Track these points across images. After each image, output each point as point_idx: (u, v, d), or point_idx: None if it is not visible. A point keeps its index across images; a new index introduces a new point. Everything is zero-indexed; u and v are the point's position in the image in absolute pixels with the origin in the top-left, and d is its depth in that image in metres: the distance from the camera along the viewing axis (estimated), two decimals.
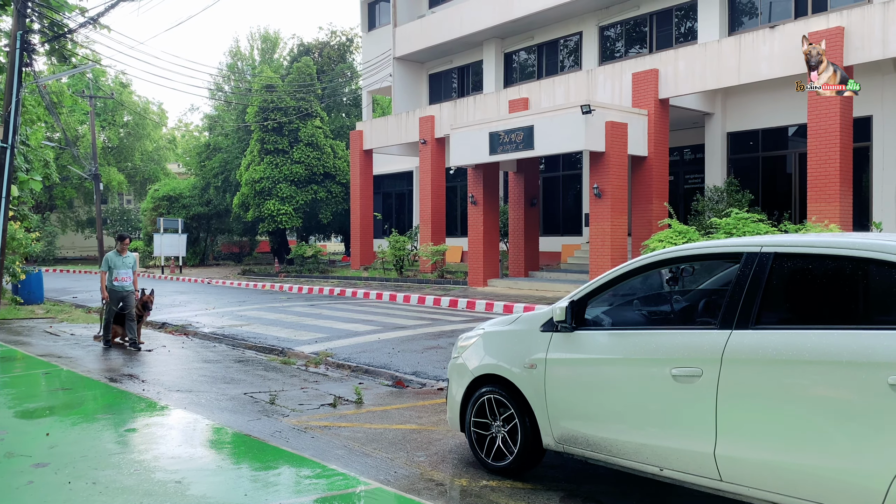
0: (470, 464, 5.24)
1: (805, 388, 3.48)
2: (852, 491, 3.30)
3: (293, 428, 6.28)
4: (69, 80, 38.30)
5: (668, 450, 4.00)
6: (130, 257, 10.87)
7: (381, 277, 23.22)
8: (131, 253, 10.92)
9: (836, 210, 14.52)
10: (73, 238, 47.88)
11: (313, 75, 31.66)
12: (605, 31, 22.26)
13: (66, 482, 4.68)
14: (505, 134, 17.85)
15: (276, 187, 29.44)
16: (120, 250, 10.71)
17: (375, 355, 10.02)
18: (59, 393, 7.77)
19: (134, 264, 10.90)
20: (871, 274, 3.50)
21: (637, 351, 4.22)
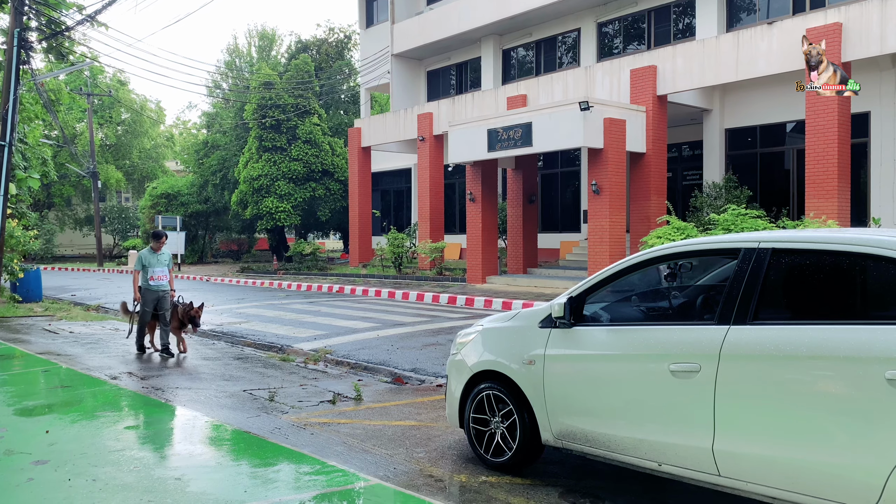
0: (469, 460, 5.26)
1: (802, 383, 3.49)
2: (850, 485, 3.31)
3: (292, 425, 6.29)
4: (67, 77, 38.24)
5: (666, 445, 4.01)
6: (166, 254, 10.18)
7: (380, 275, 23.22)
8: (166, 250, 10.29)
9: (834, 206, 14.54)
10: (71, 236, 47.85)
11: (311, 72, 31.63)
12: (604, 28, 22.25)
13: (66, 479, 4.69)
14: (503, 131, 17.85)
15: (274, 185, 29.42)
16: (155, 248, 10.09)
17: (374, 352, 10.03)
18: (59, 390, 7.78)
19: (170, 262, 10.23)
20: (868, 269, 3.52)
21: (635, 347, 4.23)
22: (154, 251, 10.07)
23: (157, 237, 10.19)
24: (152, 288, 9.99)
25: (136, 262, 10.01)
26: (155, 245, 10.09)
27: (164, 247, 10.22)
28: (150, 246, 10.12)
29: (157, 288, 10.02)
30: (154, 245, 10.09)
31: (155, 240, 10.15)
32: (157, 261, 10.04)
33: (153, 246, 10.08)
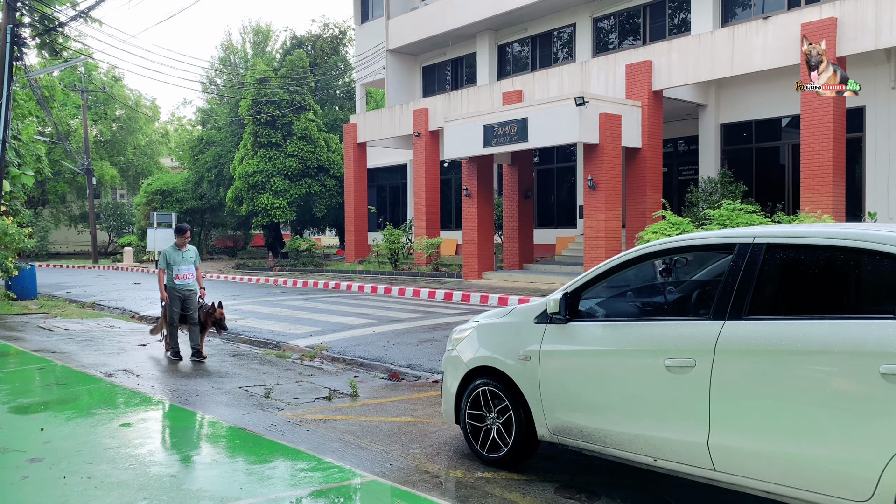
0: (465, 456, 5.26)
1: (797, 377, 3.49)
2: (845, 479, 3.32)
3: (288, 421, 6.29)
4: (61, 74, 38.09)
5: (661, 440, 4.02)
6: (191, 251, 9.54)
7: (376, 271, 23.21)
8: (191, 246, 9.61)
9: (829, 201, 14.57)
10: (66, 233, 47.73)
11: (306, 68, 31.54)
12: (599, 23, 22.23)
13: (62, 477, 4.68)
14: (499, 126, 17.83)
15: (269, 181, 29.36)
16: (179, 244, 9.43)
17: (370, 348, 10.03)
18: (54, 388, 7.76)
19: (196, 258, 9.61)
20: (862, 264, 3.52)
21: (631, 342, 4.23)
22: (178, 248, 9.45)
23: (180, 232, 9.51)
24: (178, 287, 9.41)
25: (160, 261, 9.43)
26: (179, 241, 9.46)
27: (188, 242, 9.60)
28: (174, 242, 9.52)
29: (184, 287, 9.43)
30: (178, 241, 9.46)
31: (179, 235, 9.49)
32: (182, 258, 9.42)
33: (177, 242, 9.47)
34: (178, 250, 9.42)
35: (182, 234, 9.46)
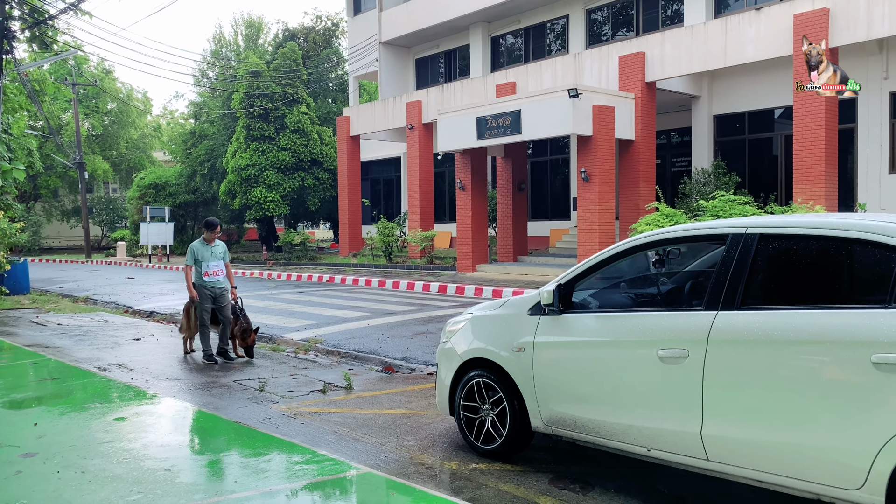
0: (460, 447, 5.27)
1: (790, 367, 3.51)
2: (837, 468, 3.34)
3: (283, 414, 6.29)
4: (51, 67, 37.81)
5: (655, 430, 4.04)
6: (220, 246, 9.02)
7: (370, 264, 23.19)
8: (220, 241, 9.08)
9: (821, 191, 14.61)
10: (58, 227, 47.50)
11: (299, 61, 31.41)
12: (592, 15, 22.19)
13: (55, 471, 4.67)
14: (492, 119, 17.81)
15: (262, 174, 29.27)
16: (207, 239, 8.89)
17: (365, 341, 10.03)
18: (47, 383, 7.74)
19: (225, 254, 9.07)
20: (854, 254, 3.53)
21: (624, 333, 4.24)
22: (206, 243, 8.91)
23: (210, 227, 8.91)
24: (207, 285, 8.86)
25: (187, 257, 8.93)
26: (207, 236, 8.90)
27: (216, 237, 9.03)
28: (203, 237, 8.97)
29: (213, 285, 8.89)
30: (206, 236, 8.91)
31: (208, 230, 8.92)
32: (210, 254, 8.88)
33: (205, 237, 8.91)
34: (207, 245, 8.92)
35: (212, 228, 8.91)
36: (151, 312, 13.91)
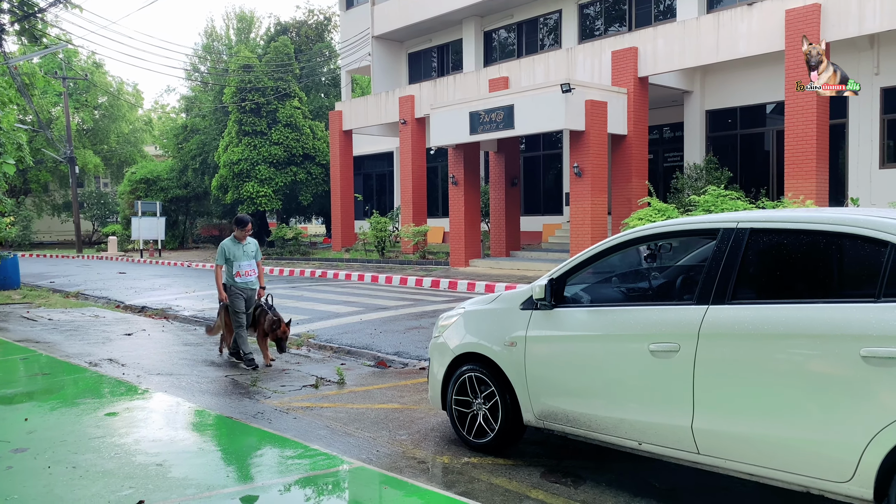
0: (452, 441, 5.28)
1: (780, 361, 3.53)
2: (826, 460, 3.37)
3: (275, 409, 6.29)
4: (41, 60, 37.55)
5: (646, 424, 4.05)
6: (252, 244, 8.52)
7: (363, 259, 23.16)
8: (251, 239, 8.59)
9: (812, 186, 14.68)
10: (49, 222, 47.24)
11: (291, 55, 31.28)
12: (585, 9, 22.18)
13: (46, 467, 4.65)
14: (485, 113, 17.79)
15: (254, 169, 29.17)
16: (238, 237, 8.39)
17: (357, 336, 10.03)
18: (38, 378, 7.70)
19: (257, 253, 8.57)
20: (844, 248, 3.55)
21: (615, 327, 4.25)
22: (238, 241, 8.41)
23: (241, 224, 8.43)
24: (239, 286, 8.36)
25: (217, 255, 8.42)
26: (239, 234, 8.41)
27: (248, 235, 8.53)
28: (234, 235, 8.45)
29: (245, 285, 8.41)
30: (238, 233, 8.42)
31: (239, 227, 8.43)
32: (242, 253, 8.39)
33: (237, 235, 8.42)
34: (238, 244, 8.41)
35: (243, 226, 8.41)
36: (143, 307, 13.86)
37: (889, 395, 3.17)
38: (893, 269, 3.28)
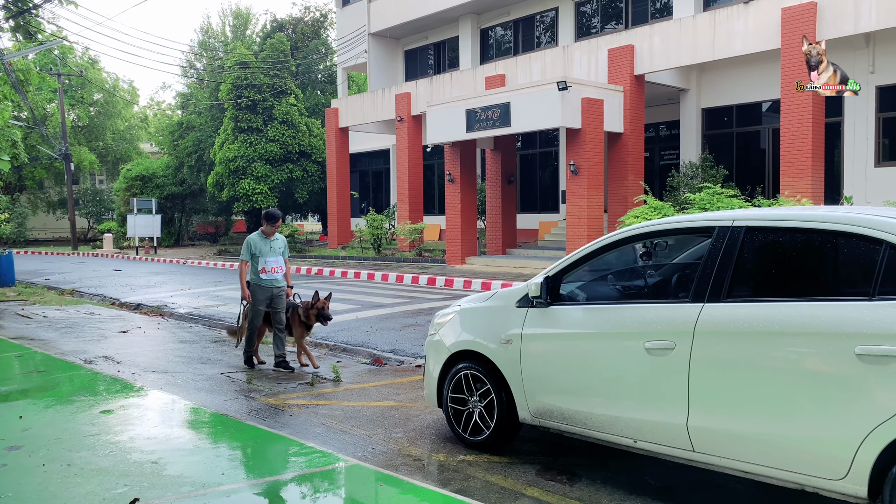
0: (447, 439, 5.28)
1: (775, 359, 3.53)
2: (820, 458, 3.38)
3: (270, 407, 6.28)
4: (36, 57, 37.37)
5: (641, 422, 4.06)
6: (280, 240, 8.08)
7: (359, 256, 23.15)
8: (280, 235, 8.13)
9: (808, 185, 14.71)
10: (44, 219, 47.11)
11: (287, 52, 31.21)
12: (581, 7, 22.16)
13: (41, 464, 4.64)
14: (482, 111, 17.78)
15: (250, 166, 29.12)
16: (266, 233, 7.93)
17: (353, 333, 10.02)
18: (33, 375, 7.68)
19: (285, 249, 8.13)
20: (839, 246, 3.56)
21: (611, 325, 4.26)
22: (265, 236, 7.96)
23: (270, 219, 7.99)
24: (265, 283, 7.92)
25: (243, 250, 7.97)
26: (267, 229, 7.96)
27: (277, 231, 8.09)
28: (261, 230, 8.01)
29: (271, 283, 7.95)
30: (266, 229, 7.97)
31: (268, 222, 7.98)
32: (269, 248, 7.93)
33: (264, 230, 7.97)
34: (266, 239, 7.95)
35: (272, 221, 7.96)
36: (139, 305, 13.83)
37: (883, 393, 3.18)
38: (888, 267, 3.29)
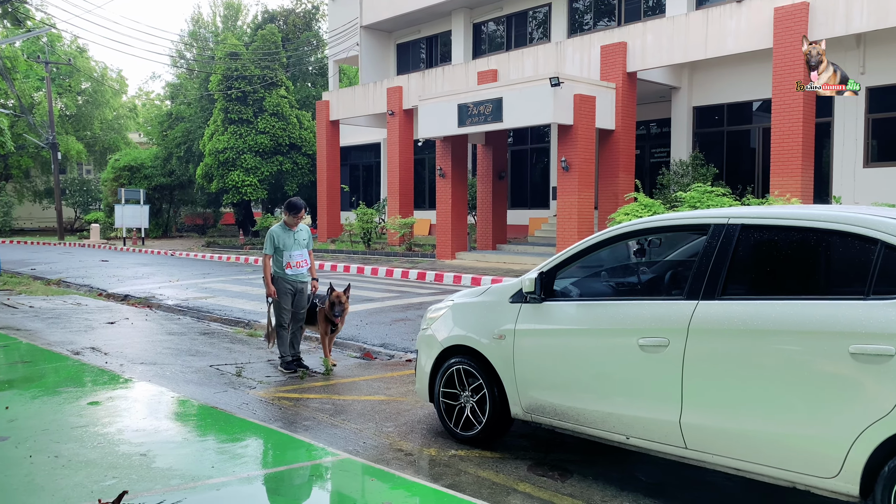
0: (439, 434, 5.27)
1: (769, 357, 3.54)
2: (813, 456, 3.39)
3: (260, 400, 6.24)
4: (23, 44, 36.96)
5: (634, 419, 4.06)
6: (304, 231, 7.52)
7: (349, 250, 23.08)
8: (304, 226, 7.58)
9: (797, 184, 14.78)
10: (30, 209, 46.71)
11: (278, 43, 31.03)
12: (574, 3, 22.15)
13: (27, 456, 4.58)
14: (473, 106, 17.74)
15: (240, 158, 28.95)
16: (289, 224, 7.38)
17: (344, 327, 9.96)
18: (19, 366, 7.59)
19: (309, 241, 7.56)
20: (835, 245, 3.56)
21: (605, 322, 4.25)
22: (288, 228, 7.40)
23: (293, 209, 7.40)
24: (289, 278, 7.38)
25: (265, 244, 7.40)
26: (290, 220, 7.39)
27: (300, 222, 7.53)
28: (283, 221, 7.47)
29: (296, 278, 7.43)
30: (288, 220, 7.40)
31: (291, 213, 7.40)
32: (293, 241, 7.38)
33: (287, 221, 7.41)
34: (289, 231, 7.40)
35: (295, 211, 7.39)
36: (126, 296, 13.72)
37: (876, 392, 3.19)
38: (883, 266, 3.30)
